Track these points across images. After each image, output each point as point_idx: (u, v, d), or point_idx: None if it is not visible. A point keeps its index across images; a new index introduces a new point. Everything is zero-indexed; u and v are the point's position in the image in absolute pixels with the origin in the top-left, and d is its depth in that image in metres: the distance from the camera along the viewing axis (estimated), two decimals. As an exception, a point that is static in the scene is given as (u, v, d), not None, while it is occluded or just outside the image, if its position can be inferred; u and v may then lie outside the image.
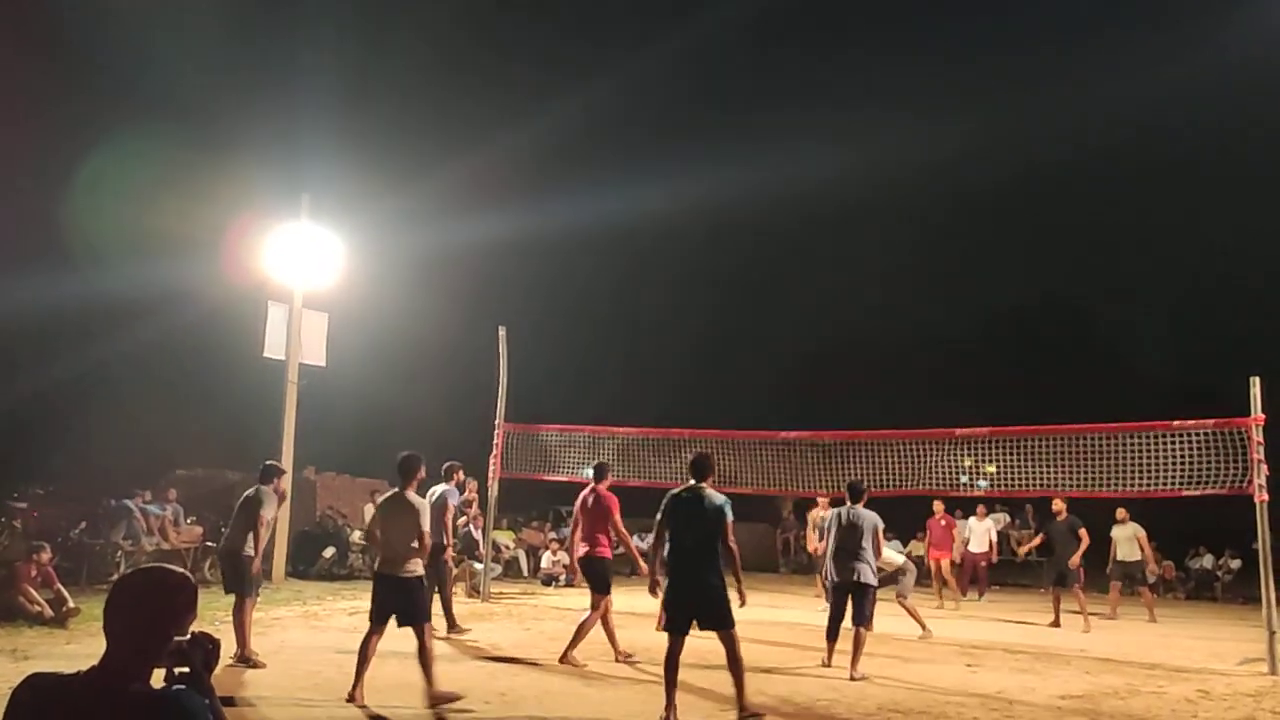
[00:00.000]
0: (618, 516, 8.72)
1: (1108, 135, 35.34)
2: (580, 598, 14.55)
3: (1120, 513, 13.89)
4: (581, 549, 8.77)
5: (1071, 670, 9.26)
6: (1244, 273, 32.61)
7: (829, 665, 8.71)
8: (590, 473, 13.96)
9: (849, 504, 8.91)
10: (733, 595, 6.55)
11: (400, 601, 6.81)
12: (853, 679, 8.20)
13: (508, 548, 17.86)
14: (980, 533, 16.92)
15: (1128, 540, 14.11)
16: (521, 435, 14.22)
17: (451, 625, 10.19)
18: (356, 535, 16.69)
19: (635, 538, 11.17)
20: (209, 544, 14.87)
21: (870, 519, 8.78)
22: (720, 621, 6.44)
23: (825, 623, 9.08)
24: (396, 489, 7.21)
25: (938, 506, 15.36)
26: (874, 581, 8.75)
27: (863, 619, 8.54)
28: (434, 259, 27.06)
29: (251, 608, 8.31)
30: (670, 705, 6.41)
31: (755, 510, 22.94)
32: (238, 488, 16.64)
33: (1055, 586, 13.33)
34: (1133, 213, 36.51)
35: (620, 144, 36.38)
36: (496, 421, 14.07)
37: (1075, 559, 12.81)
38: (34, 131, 19.73)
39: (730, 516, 6.58)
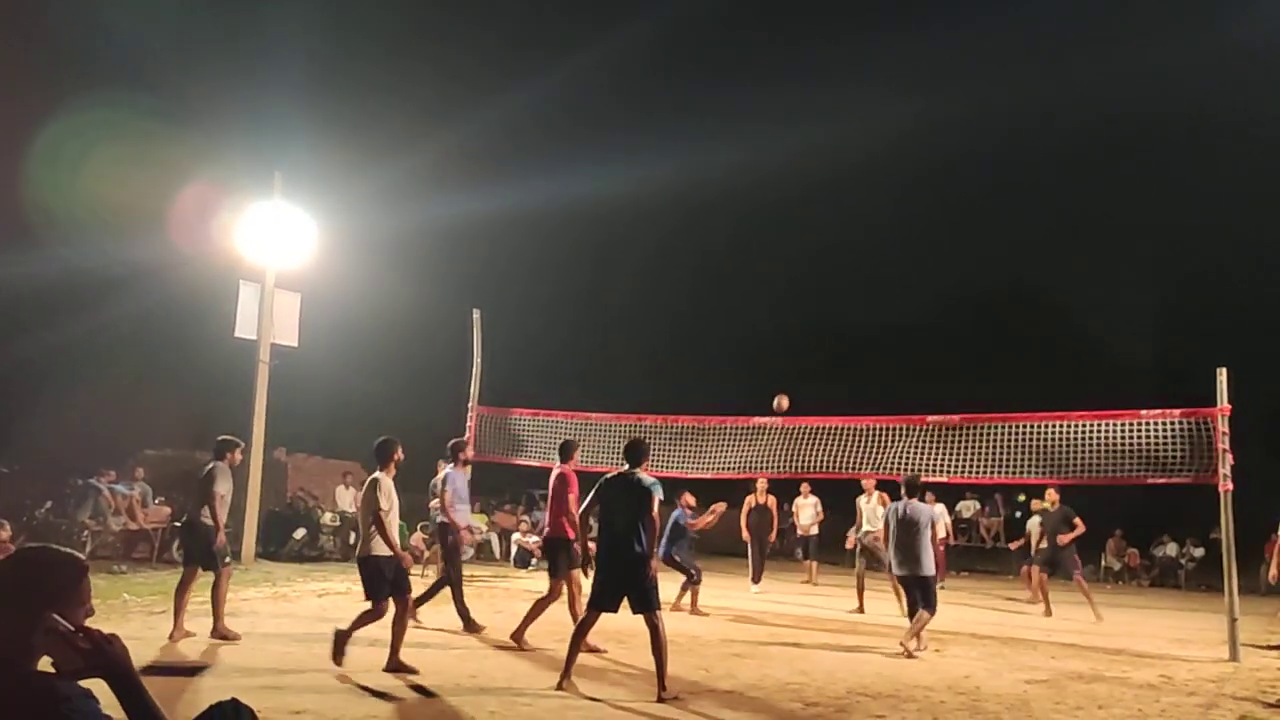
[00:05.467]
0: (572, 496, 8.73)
1: (1080, 120, 35.62)
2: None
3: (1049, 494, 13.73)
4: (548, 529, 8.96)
5: (1037, 655, 9.39)
6: (1214, 263, 33.02)
7: (933, 649, 9.19)
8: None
9: (905, 498, 9.41)
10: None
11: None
12: (906, 653, 8.79)
13: (480, 531, 17.85)
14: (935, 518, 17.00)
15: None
16: (495, 418, 14.17)
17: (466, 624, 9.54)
18: (327, 517, 16.62)
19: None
20: (177, 524, 14.76)
21: (926, 512, 9.38)
22: (646, 604, 6.74)
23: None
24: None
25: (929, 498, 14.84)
26: (933, 571, 9.39)
27: (929, 605, 9.18)
28: (408, 239, 26.91)
29: (226, 578, 8.46)
30: (567, 674, 6.80)
31: (727, 495, 23.02)
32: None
33: (1044, 573, 13.18)
34: (1103, 200, 36.84)
35: (595, 123, 36.20)
36: (470, 404, 14.02)
37: (1067, 538, 12.79)
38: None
39: (658, 496, 6.89)
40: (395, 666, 7.06)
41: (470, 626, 9.30)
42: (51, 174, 20.59)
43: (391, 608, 7.26)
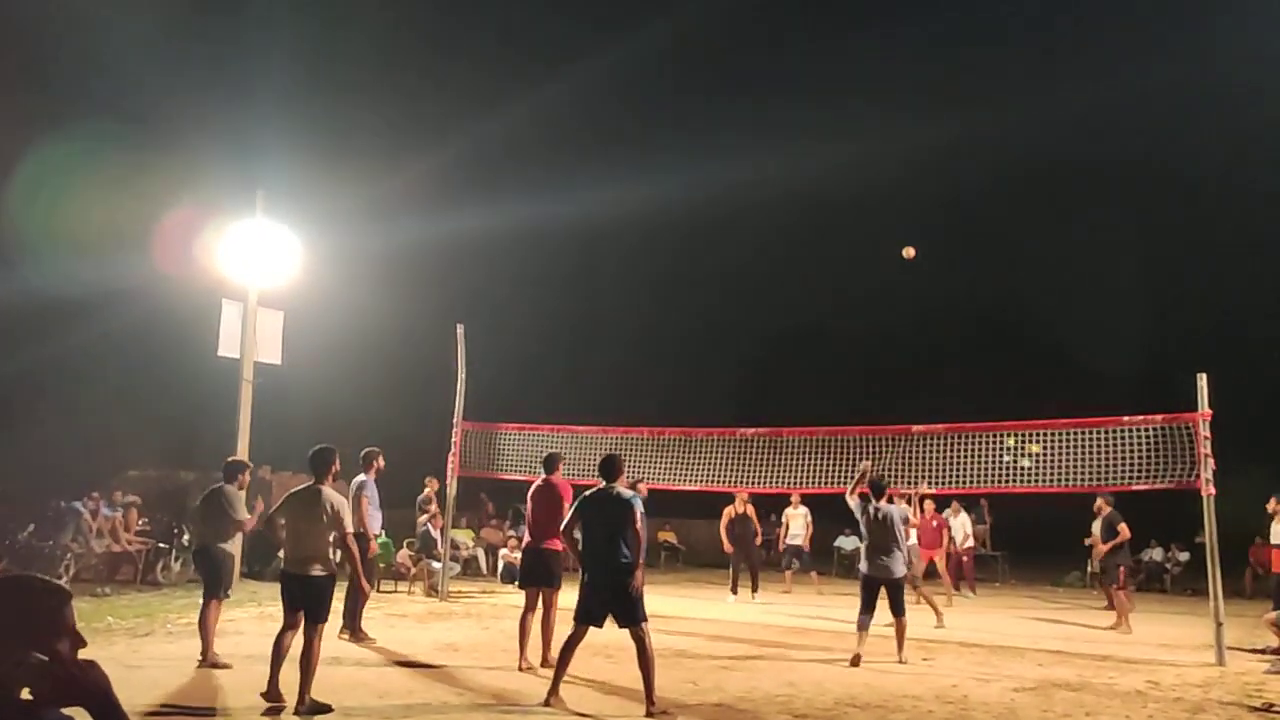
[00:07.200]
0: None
1: (1065, 135, 35.87)
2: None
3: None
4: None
5: (1024, 663, 9.41)
6: (1193, 270, 33.32)
7: (858, 661, 8.84)
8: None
9: (874, 501, 9.37)
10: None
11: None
12: (901, 662, 8.94)
13: (466, 546, 17.78)
14: (958, 528, 16.87)
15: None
16: (480, 434, 14.16)
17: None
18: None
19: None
20: (161, 545, 14.67)
21: (898, 513, 9.38)
22: (632, 618, 6.74)
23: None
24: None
25: (929, 506, 14.62)
26: (903, 573, 9.36)
27: (900, 610, 9.15)
28: (392, 256, 26.81)
29: (217, 609, 8.36)
30: (554, 690, 6.79)
31: (715, 508, 23.01)
32: (191, 488, 16.37)
33: (1104, 585, 12.91)
34: (1085, 209, 37.12)
35: (578, 141, 36.21)
36: (455, 420, 14.01)
37: (1103, 547, 12.42)
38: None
39: (639, 508, 6.88)
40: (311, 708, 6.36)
41: (357, 635, 9.56)
42: (33, 196, 20.49)
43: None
